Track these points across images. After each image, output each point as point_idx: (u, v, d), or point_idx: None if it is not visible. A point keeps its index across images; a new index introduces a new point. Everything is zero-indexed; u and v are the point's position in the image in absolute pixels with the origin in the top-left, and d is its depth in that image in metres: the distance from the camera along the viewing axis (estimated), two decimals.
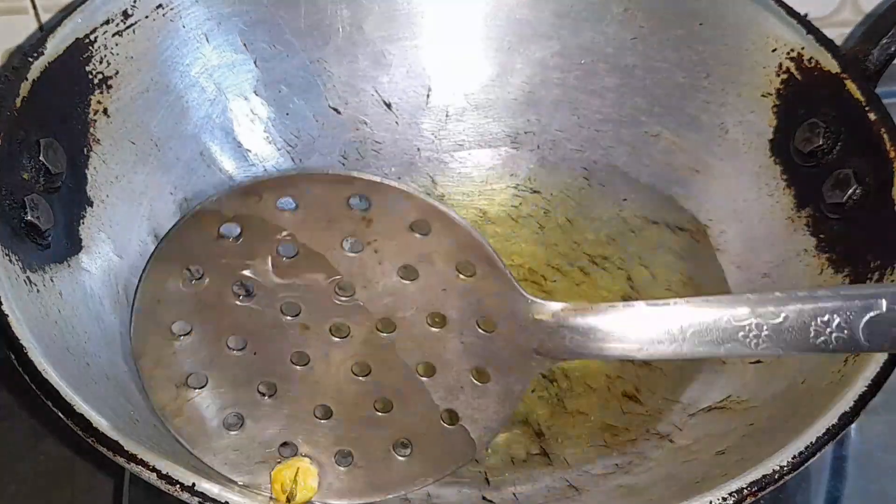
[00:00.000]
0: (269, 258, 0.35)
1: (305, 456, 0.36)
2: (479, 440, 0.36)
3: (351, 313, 0.35)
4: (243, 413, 0.36)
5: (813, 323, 0.31)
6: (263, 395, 0.36)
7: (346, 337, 0.35)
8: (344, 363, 0.36)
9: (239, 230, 0.34)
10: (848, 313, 0.30)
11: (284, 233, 0.34)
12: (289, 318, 0.35)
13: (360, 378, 0.36)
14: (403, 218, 0.34)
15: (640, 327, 0.32)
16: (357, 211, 0.34)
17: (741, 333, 0.31)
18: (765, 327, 0.31)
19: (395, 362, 0.35)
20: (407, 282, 0.35)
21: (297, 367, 0.36)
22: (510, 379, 0.35)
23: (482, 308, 0.35)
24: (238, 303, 0.35)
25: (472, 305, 0.35)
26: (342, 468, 0.36)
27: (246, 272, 0.35)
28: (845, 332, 0.31)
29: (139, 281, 0.36)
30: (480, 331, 0.35)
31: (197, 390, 0.36)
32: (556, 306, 0.34)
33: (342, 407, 0.36)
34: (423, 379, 0.35)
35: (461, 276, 0.34)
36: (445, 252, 0.34)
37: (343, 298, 0.35)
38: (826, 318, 0.31)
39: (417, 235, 0.34)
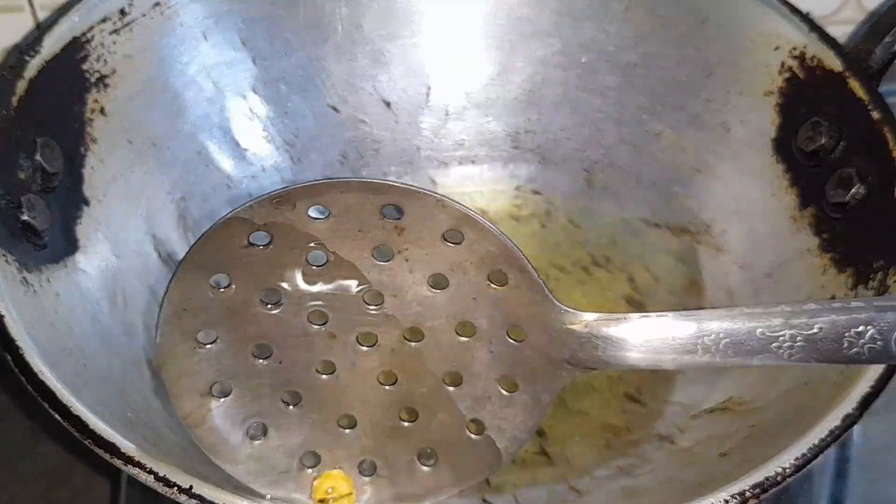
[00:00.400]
0: (299, 266, 0.35)
1: (336, 468, 0.36)
2: (506, 450, 0.35)
3: (379, 322, 0.35)
4: (267, 423, 0.36)
5: (846, 334, 0.31)
6: (287, 404, 0.36)
7: (373, 346, 0.35)
8: (370, 372, 0.35)
9: (269, 238, 0.34)
10: (881, 324, 0.30)
11: (314, 241, 0.34)
12: (316, 326, 0.35)
13: (386, 387, 0.36)
14: (437, 227, 0.34)
15: (672, 338, 0.32)
16: (389, 220, 0.34)
17: (774, 344, 0.31)
18: (798, 338, 0.31)
19: (422, 371, 0.35)
20: (437, 291, 0.35)
21: (323, 375, 0.36)
22: (538, 388, 0.35)
23: (513, 317, 0.34)
24: (265, 311, 0.35)
25: (503, 315, 0.34)
26: (366, 478, 0.36)
27: (274, 281, 0.35)
28: (878, 343, 0.31)
29: (166, 289, 0.35)
30: (510, 340, 0.35)
31: (221, 399, 0.36)
32: (588, 316, 0.34)
33: (367, 416, 0.36)
34: (450, 388, 0.35)
35: (493, 285, 0.34)
36: (478, 261, 0.34)
37: (372, 307, 0.35)
38: (860, 329, 0.31)
39: (450, 244, 0.34)
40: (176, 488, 0.31)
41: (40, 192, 0.38)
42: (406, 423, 0.36)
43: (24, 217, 0.36)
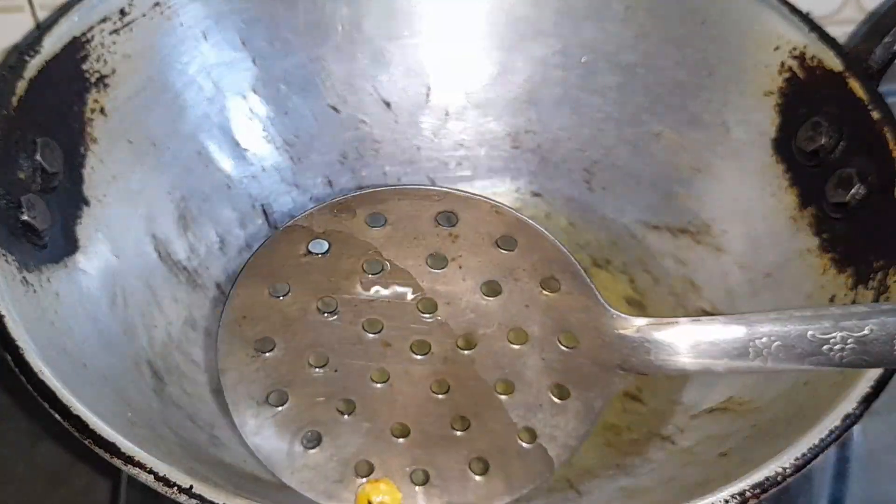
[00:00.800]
0: (355, 275, 0.35)
1: (388, 477, 0.36)
2: (557, 458, 0.35)
3: (433, 330, 0.35)
4: (321, 431, 0.36)
5: None
6: (342, 413, 0.36)
7: (426, 354, 0.36)
8: (424, 381, 0.36)
9: (327, 246, 0.35)
10: None
11: (371, 250, 0.35)
12: (371, 335, 0.36)
13: (439, 396, 0.36)
14: (490, 233, 0.34)
15: (723, 342, 0.33)
16: (444, 227, 0.34)
17: (825, 346, 0.31)
18: (849, 340, 0.31)
19: (475, 380, 0.36)
20: (490, 298, 0.35)
21: (377, 384, 0.36)
22: (590, 395, 0.35)
23: (565, 323, 0.35)
24: (322, 319, 0.36)
25: (555, 321, 0.35)
26: (418, 487, 0.36)
27: (331, 289, 0.35)
28: None
29: (227, 296, 0.36)
30: (562, 347, 0.35)
31: (277, 408, 0.36)
32: (640, 321, 0.34)
33: (420, 425, 0.36)
34: (502, 397, 0.36)
35: (545, 291, 0.35)
36: (530, 267, 0.34)
37: (426, 316, 0.35)
38: None
39: (503, 251, 0.34)
40: (176, 488, 0.31)
41: (40, 192, 0.38)
42: (458, 433, 0.36)
43: (24, 217, 0.36)
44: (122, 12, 0.42)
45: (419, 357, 0.36)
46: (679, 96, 0.45)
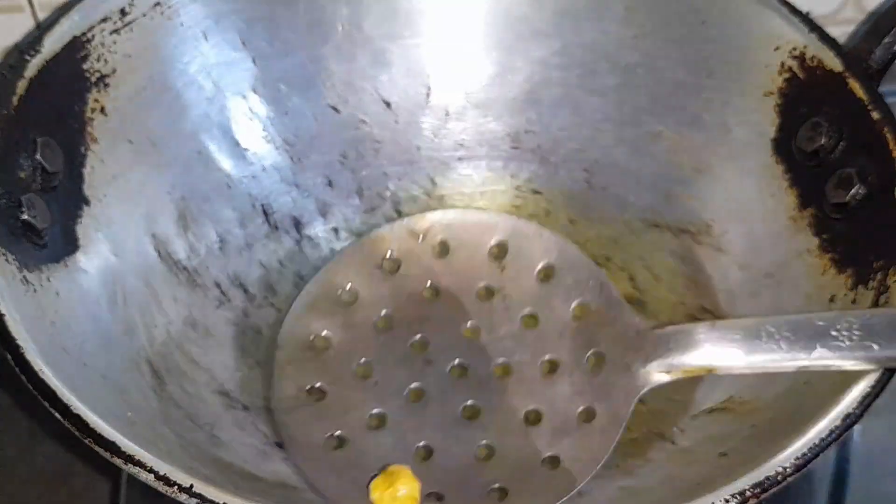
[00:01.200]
0: (415, 297, 0.41)
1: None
2: (580, 475, 0.36)
3: (472, 356, 0.39)
4: (348, 438, 0.37)
5: None
6: (373, 425, 0.38)
7: (464, 377, 0.38)
8: (457, 405, 0.38)
9: (397, 265, 0.41)
10: None
11: (433, 278, 0.41)
12: (418, 355, 0.39)
13: (469, 422, 0.37)
14: (533, 262, 0.40)
15: (739, 332, 0.35)
16: (495, 261, 0.41)
17: (833, 331, 0.33)
18: (855, 325, 0.33)
19: (506, 409, 0.37)
20: (527, 329, 0.39)
21: (412, 403, 0.38)
22: (614, 405, 0.37)
23: (593, 342, 0.38)
24: (378, 332, 0.40)
25: (585, 341, 0.38)
26: None
27: (393, 308, 0.40)
28: None
29: (312, 280, 0.41)
30: (590, 367, 0.38)
31: (315, 402, 0.38)
32: (661, 329, 0.37)
33: (444, 450, 0.37)
34: (531, 427, 0.37)
35: (577, 316, 0.39)
36: (564, 293, 0.40)
37: (469, 342, 0.39)
38: None
39: (543, 283, 0.40)
40: (176, 487, 0.31)
41: (40, 191, 0.38)
42: (482, 461, 0.37)
43: (25, 216, 0.36)
44: (123, 12, 0.42)
45: (456, 380, 0.38)
46: (679, 96, 0.45)
